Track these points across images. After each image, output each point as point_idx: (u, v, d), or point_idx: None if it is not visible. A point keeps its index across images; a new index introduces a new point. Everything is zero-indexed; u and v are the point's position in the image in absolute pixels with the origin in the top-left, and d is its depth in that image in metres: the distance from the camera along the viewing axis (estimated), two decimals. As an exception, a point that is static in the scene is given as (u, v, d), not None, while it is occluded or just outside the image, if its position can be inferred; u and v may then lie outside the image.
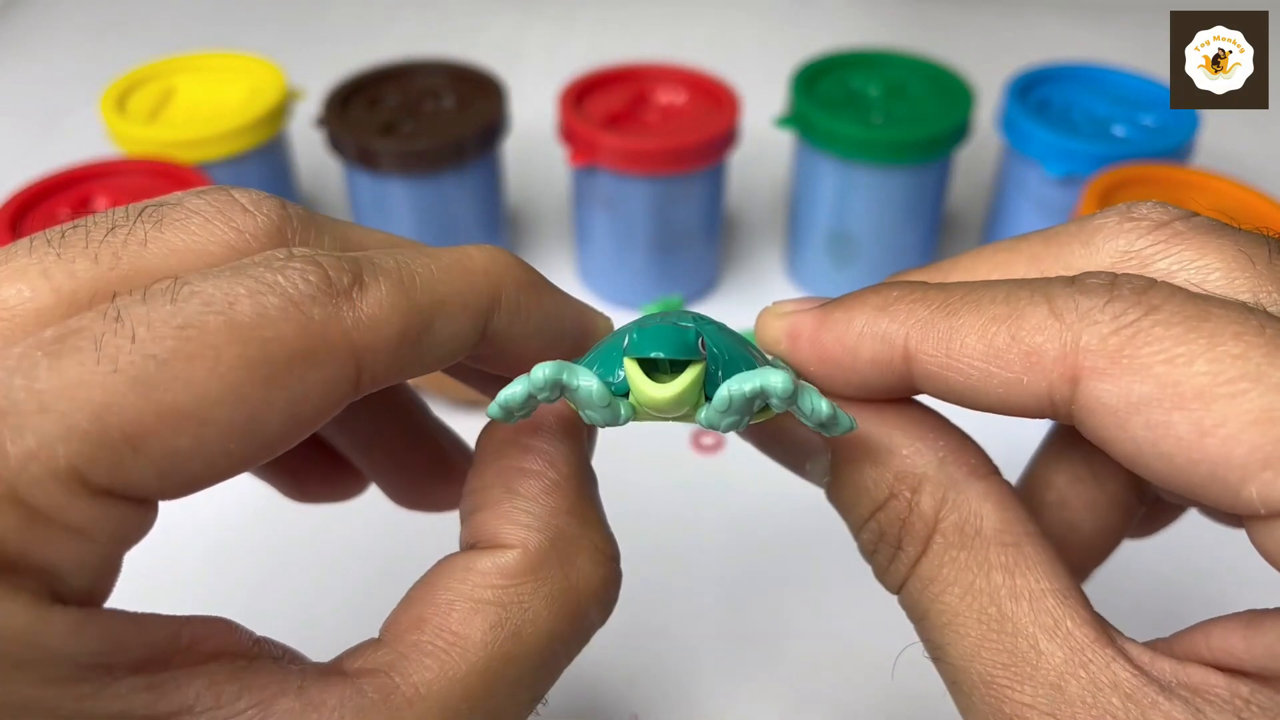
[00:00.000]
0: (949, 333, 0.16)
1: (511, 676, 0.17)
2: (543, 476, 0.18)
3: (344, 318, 0.15)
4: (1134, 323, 0.15)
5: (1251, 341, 0.14)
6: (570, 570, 0.18)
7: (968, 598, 0.17)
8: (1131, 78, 0.46)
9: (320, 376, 0.15)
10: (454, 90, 0.46)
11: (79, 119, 0.60)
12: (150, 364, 0.13)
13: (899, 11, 0.74)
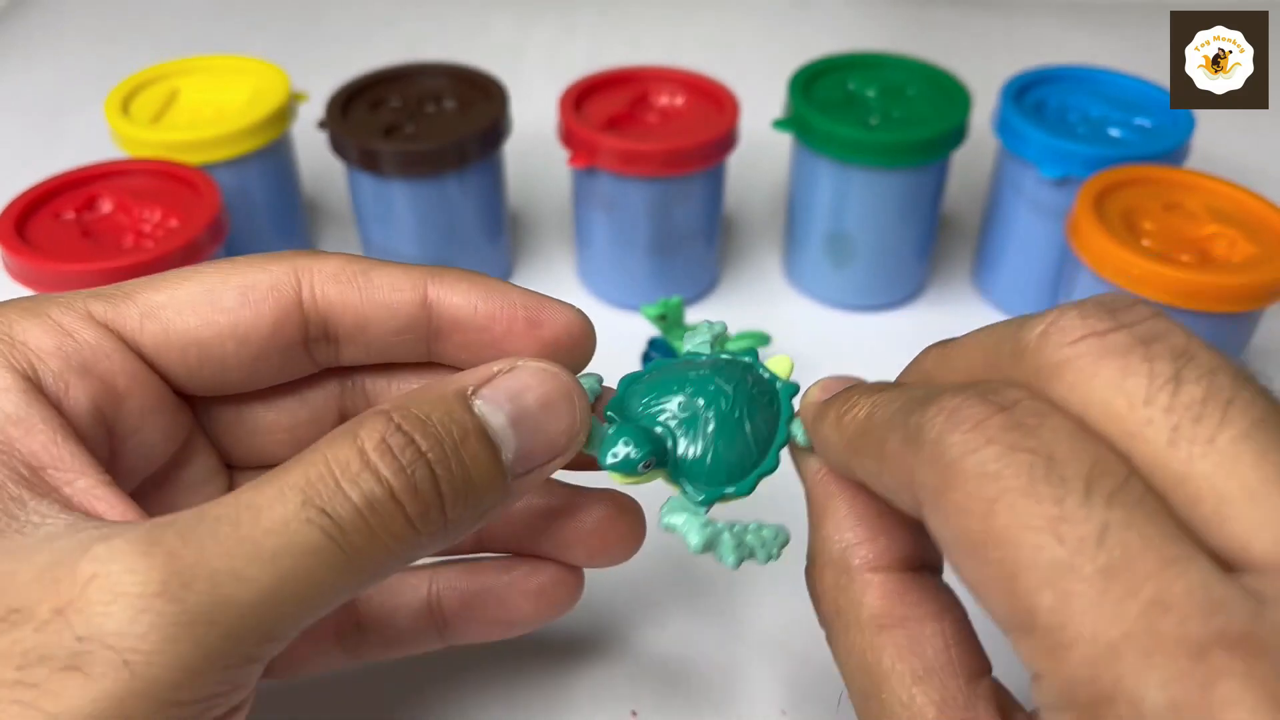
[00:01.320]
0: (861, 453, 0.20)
1: None
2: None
3: (291, 254, 0.23)
4: (952, 463, 0.16)
5: (1033, 507, 0.15)
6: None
7: (851, 663, 0.20)
8: (1127, 80, 0.46)
9: (257, 274, 0.22)
10: (456, 93, 0.46)
11: (83, 121, 0.60)
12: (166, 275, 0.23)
13: (896, 15, 0.74)
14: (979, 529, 0.15)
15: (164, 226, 0.39)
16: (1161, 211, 0.38)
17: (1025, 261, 0.45)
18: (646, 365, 0.24)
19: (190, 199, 0.39)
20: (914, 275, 0.48)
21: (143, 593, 0.17)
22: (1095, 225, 0.36)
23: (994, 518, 0.15)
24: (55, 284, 0.36)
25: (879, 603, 0.20)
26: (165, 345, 0.22)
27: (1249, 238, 0.37)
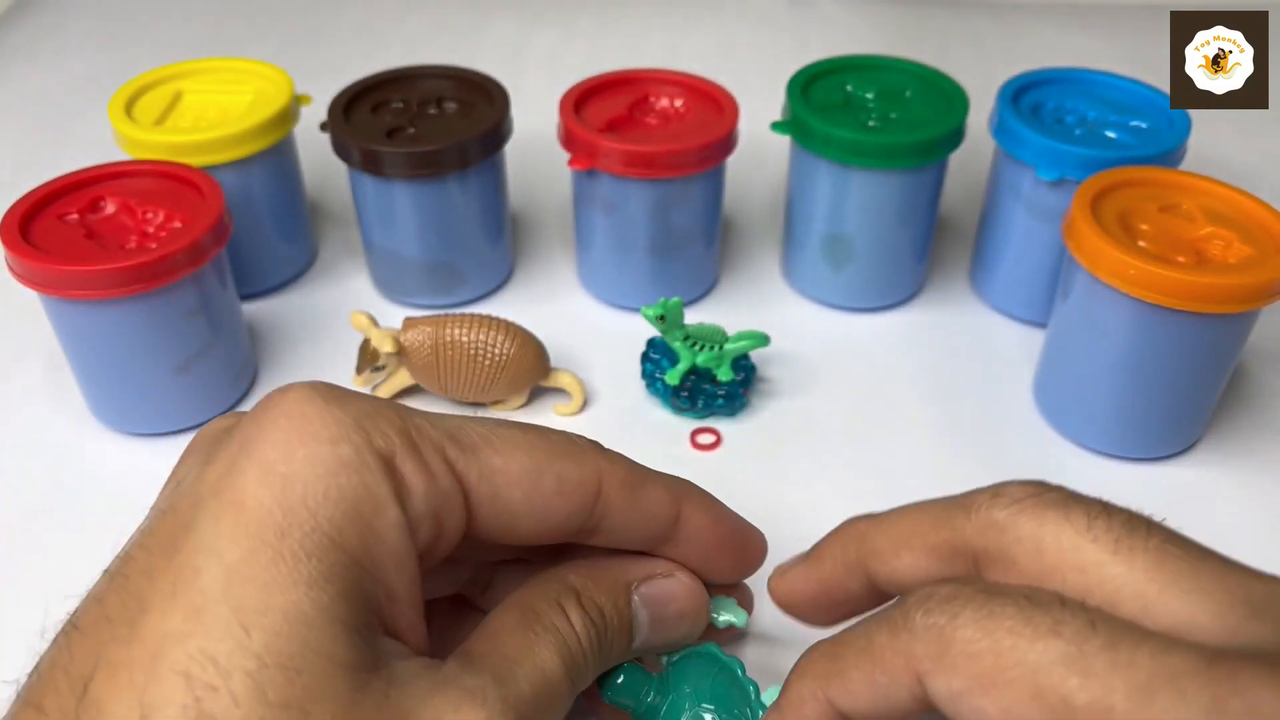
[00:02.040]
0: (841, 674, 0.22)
1: None
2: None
3: (594, 445, 0.26)
4: (940, 639, 0.19)
5: (1022, 631, 0.18)
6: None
7: None
8: (1123, 82, 0.46)
9: (575, 465, 0.25)
10: (457, 95, 0.47)
11: (87, 123, 0.61)
12: (495, 428, 0.25)
13: (894, 18, 0.75)
14: (991, 662, 0.19)
15: (167, 228, 0.39)
16: (1157, 213, 0.39)
17: (1022, 263, 0.46)
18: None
19: (194, 201, 0.40)
20: (912, 276, 0.48)
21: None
22: (1091, 226, 0.37)
23: (1000, 647, 0.19)
24: (58, 285, 0.36)
25: None
26: (489, 509, 0.24)
27: (1245, 239, 0.37)
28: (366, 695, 0.20)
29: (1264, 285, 0.35)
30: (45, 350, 0.45)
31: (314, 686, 0.19)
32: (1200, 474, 0.40)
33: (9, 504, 0.38)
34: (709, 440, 0.41)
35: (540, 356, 0.41)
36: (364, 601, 0.21)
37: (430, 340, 0.39)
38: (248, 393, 0.43)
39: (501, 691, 0.22)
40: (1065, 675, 0.18)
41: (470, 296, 0.48)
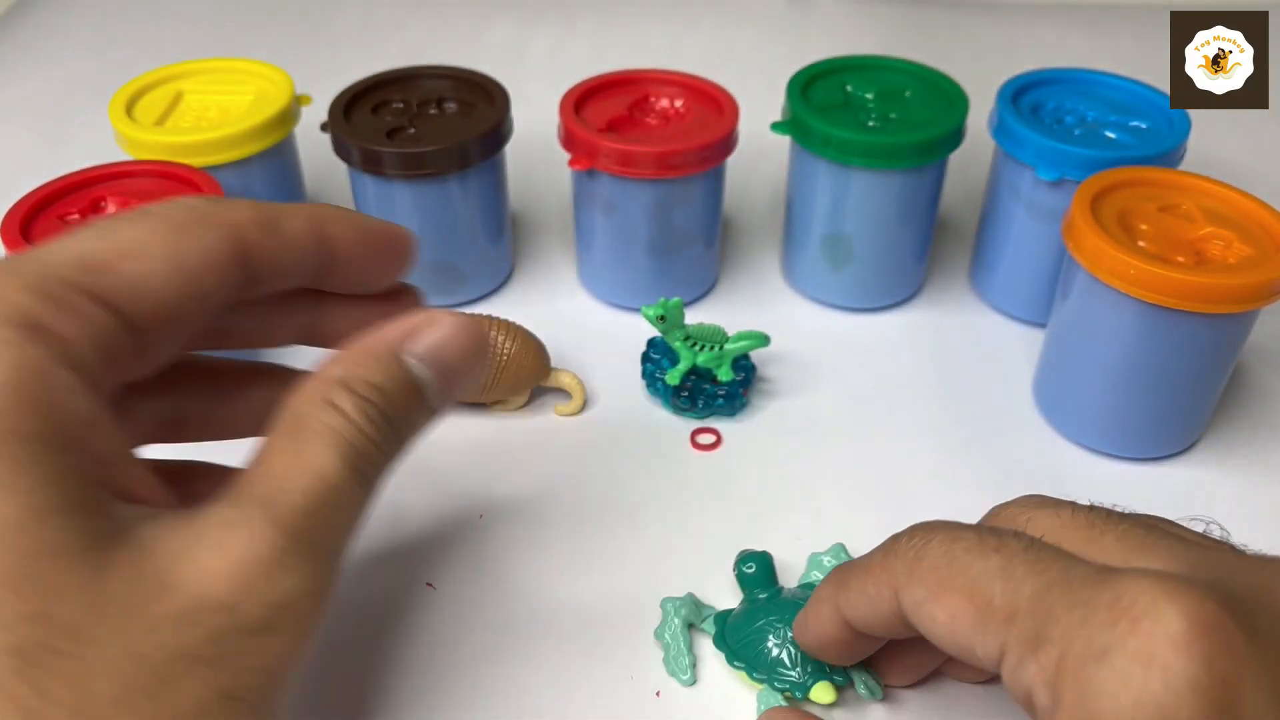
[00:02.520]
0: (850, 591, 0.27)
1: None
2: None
3: (220, 206, 0.25)
4: (912, 559, 0.24)
5: (974, 551, 0.23)
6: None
7: None
8: (1123, 83, 0.46)
9: (212, 235, 0.24)
10: (457, 95, 0.47)
11: (88, 123, 0.61)
12: (108, 228, 0.23)
13: (893, 19, 0.75)
14: (945, 575, 0.23)
15: (168, 228, 0.39)
16: (1157, 213, 0.39)
17: (1022, 263, 0.46)
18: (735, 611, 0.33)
19: (194, 200, 0.40)
20: (911, 276, 0.48)
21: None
22: (1091, 226, 0.37)
23: (955, 564, 0.23)
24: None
25: None
26: (150, 313, 0.23)
27: (1244, 239, 0.37)
28: (113, 572, 0.19)
29: (1263, 285, 0.35)
30: (46, 350, 0.45)
31: (49, 588, 0.18)
32: (1199, 474, 0.40)
33: (10, 504, 0.38)
34: (709, 440, 0.41)
35: (541, 356, 0.41)
36: (74, 479, 0.20)
37: (431, 340, 0.39)
38: (248, 393, 0.43)
39: (270, 513, 0.21)
40: (992, 581, 0.22)
41: (471, 297, 0.48)
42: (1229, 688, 0.18)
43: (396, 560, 0.36)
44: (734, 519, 0.37)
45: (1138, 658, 0.19)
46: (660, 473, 0.39)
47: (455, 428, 0.41)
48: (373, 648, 0.33)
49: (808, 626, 0.29)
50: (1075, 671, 0.19)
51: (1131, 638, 0.19)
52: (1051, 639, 0.20)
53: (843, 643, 0.28)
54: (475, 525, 0.37)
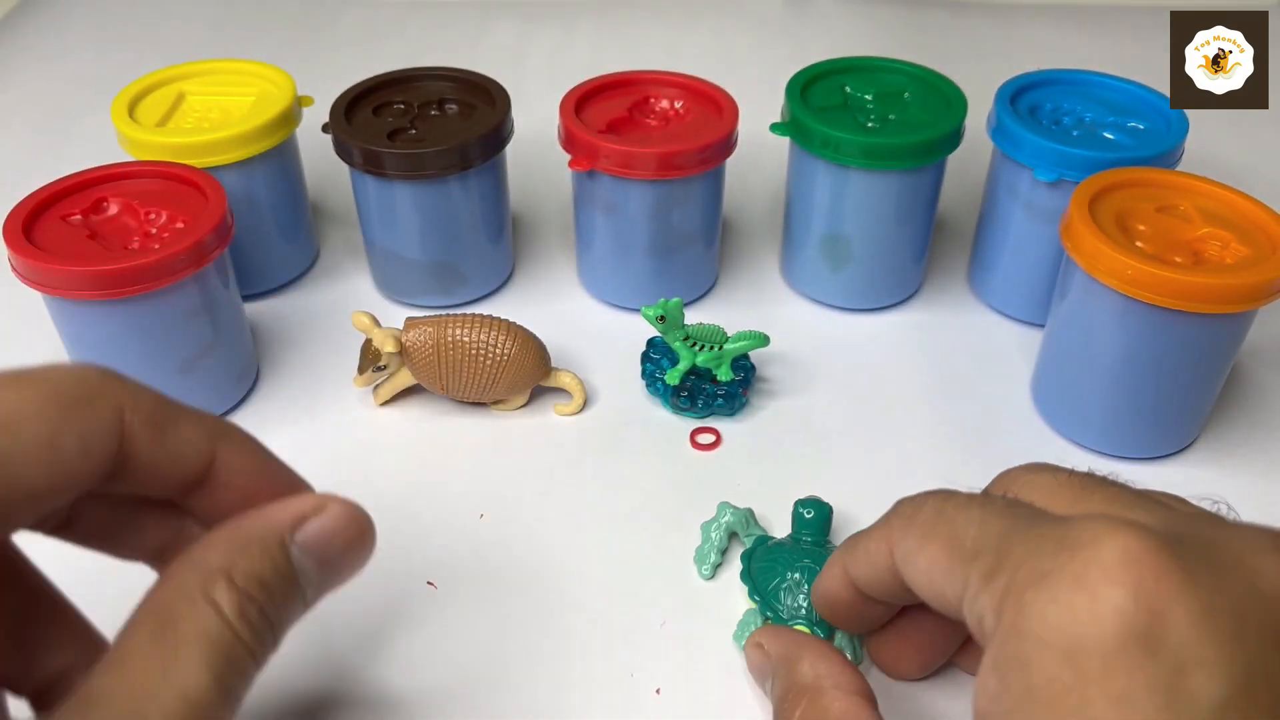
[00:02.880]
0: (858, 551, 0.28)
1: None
2: None
3: (115, 384, 0.22)
4: (908, 516, 0.26)
5: (960, 508, 0.24)
6: None
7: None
8: (1121, 84, 0.46)
9: (99, 420, 0.22)
10: (458, 97, 0.47)
11: (90, 124, 0.61)
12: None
13: (892, 20, 0.75)
14: (930, 527, 0.25)
15: (170, 229, 0.39)
16: (1155, 213, 0.39)
17: (1020, 263, 0.46)
18: (756, 543, 0.35)
19: (196, 201, 0.40)
20: (910, 277, 0.48)
21: None
22: (1089, 227, 0.37)
23: (941, 519, 0.24)
24: (62, 285, 0.36)
25: (844, 708, 0.26)
26: (4, 496, 0.21)
27: (1241, 239, 0.37)
28: None
29: (1261, 285, 0.35)
30: (48, 350, 0.45)
31: None
32: (1196, 473, 0.40)
33: (13, 503, 0.38)
34: (709, 440, 0.41)
35: (541, 356, 0.41)
36: None
37: (432, 340, 0.40)
38: (250, 392, 0.43)
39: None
40: (969, 528, 0.23)
41: (471, 297, 0.48)
42: (1154, 616, 0.19)
43: (397, 559, 0.36)
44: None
45: (1072, 582, 0.20)
46: (660, 472, 0.40)
47: (455, 427, 0.42)
48: (373, 646, 0.33)
49: (820, 587, 0.30)
50: (1017, 594, 0.21)
51: (1070, 564, 0.20)
52: (1004, 569, 0.21)
53: (849, 605, 0.29)
54: (475, 525, 0.37)
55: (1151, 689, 0.18)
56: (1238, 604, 0.19)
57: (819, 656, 0.28)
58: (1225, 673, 0.19)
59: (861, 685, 0.27)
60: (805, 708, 0.26)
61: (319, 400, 0.43)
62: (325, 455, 0.40)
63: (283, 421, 0.42)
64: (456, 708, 0.31)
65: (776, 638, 0.29)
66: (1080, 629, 0.19)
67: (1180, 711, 0.18)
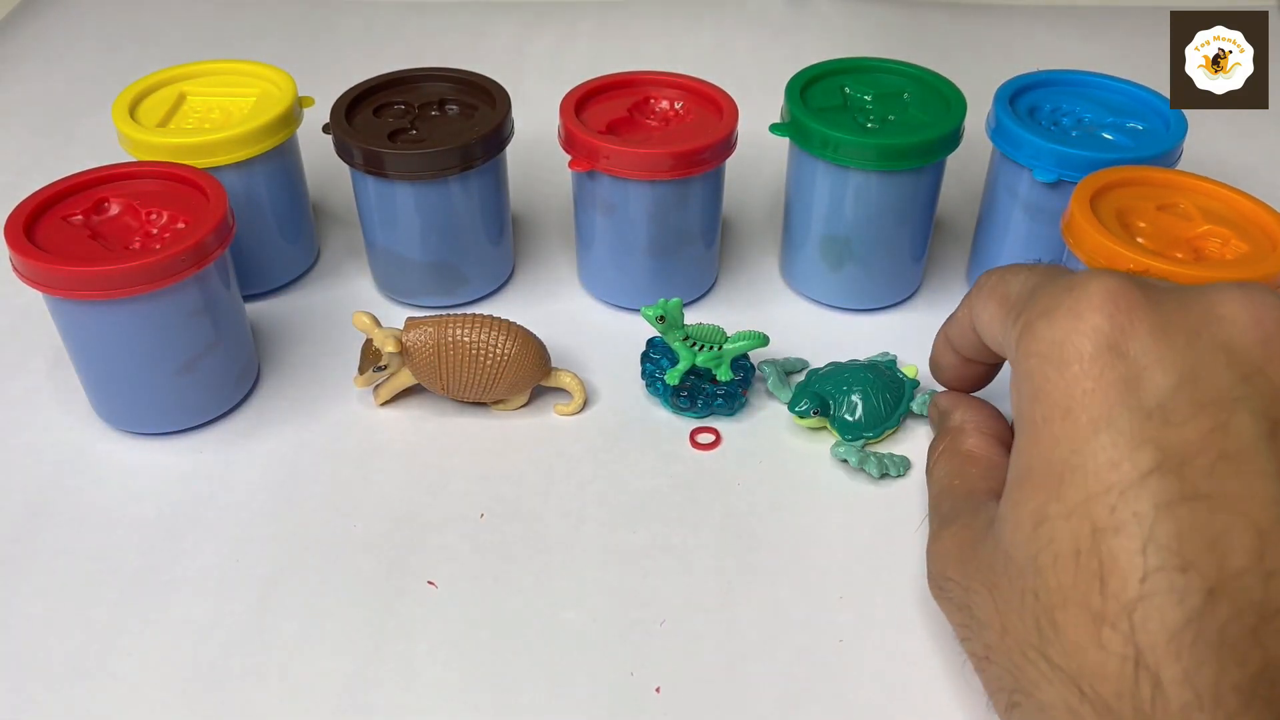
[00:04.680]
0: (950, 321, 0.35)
1: None
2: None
3: None
4: (980, 284, 0.31)
5: (1017, 275, 0.30)
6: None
7: (943, 483, 0.33)
8: (1120, 84, 0.46)
9: None
10: (459, 98, 0.47)
11: (91, 125, 0.61)
12: None
13: (892, 21, 0.75)
14: (990, 290, 0.31)
15: (171, 229, 0.39)
16: (1155, 212, 0.39)
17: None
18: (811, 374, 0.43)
19: (197, 202, 0.40)
20: (909, 277, 0.48)
21: None
22: (1091, 223, 0.37)
23: (1001, 284, 0.31)
24: (63, 285, 0.36)
25: (975, 443, 0.33)
26: None
27: (1241, 236, 0.38)
28: None
29: (1260, 282, 0.35)
30: (49, 350, 0.45)
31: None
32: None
33: (12, 503, 0.38)
34: (708, 440, 0.41)
35: (541, 356, 0.41)
36: None
37: (432, 340, 0.40)
38: (251, 392, 0.43)
39: None
40: (1015, 285, 0.29)
41: (472, 297, 0.48)
42: (1121, 332, 0.25)
43: (398, 559, 0.36)
44: (733, 518, 0.38)
45: (1067, 312, 0.26)
46: (660, 472, 0.40)
47: (455, 427, 0.42)
48: (374, 645, 0.33)
49: (932, 357, 0.36)
50: (1030, 325, 0.27)
51: (1066, 300, 0.26)
52: (1026, 310, 0.27)
53: (955, 366, 0.36)
54: (475, 525, 0.37)
55: (1115, 380, 0.24)
56: (1194, 323, 0.25)
57: (970, 407, 0.35)
58: (1173, 367, 0.24)
59: (1000, 429, 0.34)
60: (948, 443, 0.34)
61: (319, 400, 0.43)
62: (325, 455, 0.40)
63: (283, 421, 0.42)
64: (456, 707, 0.31)
65: (946, 396, 0.36)
66: (1067, 344, 0.25)
67: (1137, 395, 0.24)
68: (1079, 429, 0.24)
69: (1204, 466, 0.23)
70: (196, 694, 0.32)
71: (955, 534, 0.29)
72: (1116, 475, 0.23)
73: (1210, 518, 0.23)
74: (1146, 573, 0.22)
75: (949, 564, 0.29)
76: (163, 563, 0.36)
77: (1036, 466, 0.25)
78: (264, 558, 0.36)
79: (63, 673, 0.32)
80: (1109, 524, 0.23)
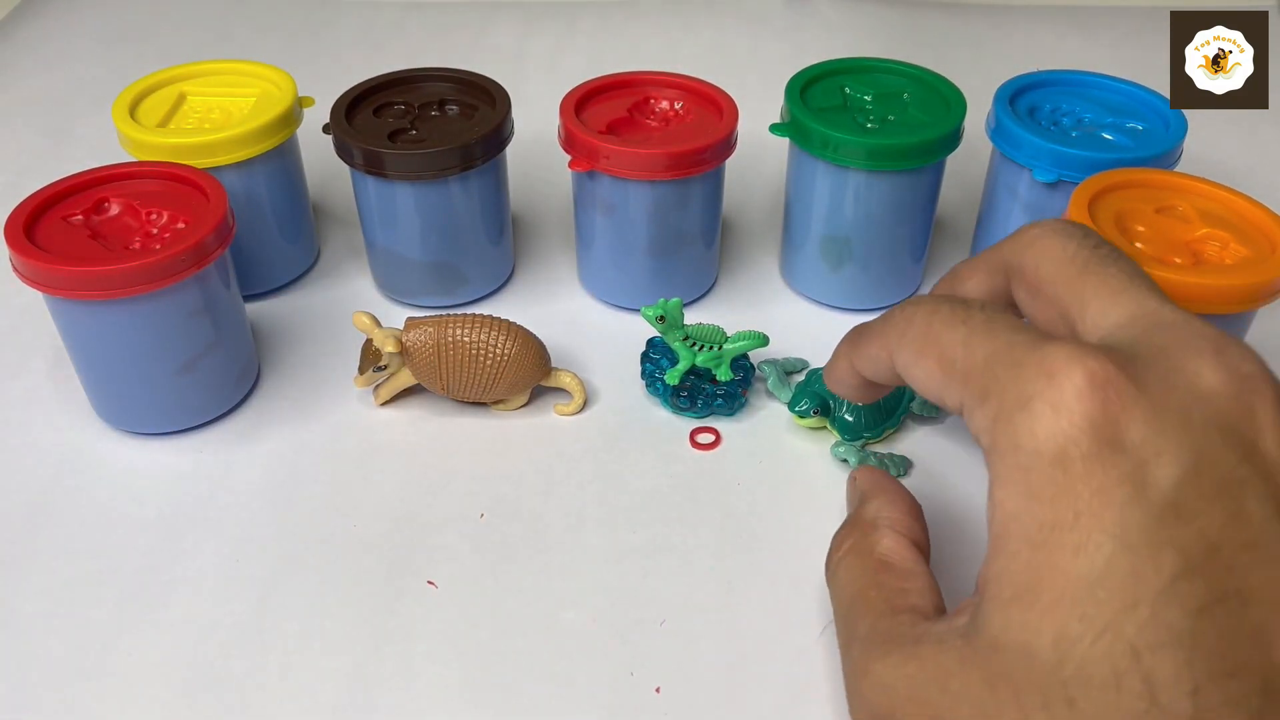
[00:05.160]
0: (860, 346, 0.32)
1: None
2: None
3: None
4: (901, 330, 0.28)
5: (947, 322, 0.27)
6: None
7: (850, 590, 0.30)
8: (1120, 85, 0.46)
9: None
10: (459, 98, 0.47)
11: (91, 125, 0.61)
12: None
13: (891, 21, 0.75)
14: (924, 343, 0.28)
15: (171, 229, 0.39)
16: (1154, 214, 0.39)
17: (1020, 264, 0.46)
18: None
19: (197, 202, 0.40)
20: (909, 277, 0.48)
21: None
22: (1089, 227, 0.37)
23: (932, 333, 0.27)
24: (63, 285, 0.36)
25: (890, 547, 0.30)
26: None
27: (1241, 240, 0.38)
28: None
29: (1260, 286, 0.35)
30: (49, 350, 0.45)
31: None
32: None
33: (12, 503, 0.38)
34: (708, 440, 0.41)
35: (541, 356, 0.41)
36: None
37: (432, 340, 0.40)
38: (251, 392, 0.43)
39: None
40: (956, 348, 0.26)
41: (472, 297, 0.48)
42: (1115, 423, 0.23)
43: (398, 558, 0.36)
44: (733, 518, 0.38)
45: (1050, 404, 0.24)
46: (660, 472, 0.40)
47: (455, 427, 0.42)
48: (374, 645, 0.33)
49: (832, 375, 0.34)
50: (1007, 418, 0.24)
51: (1047, 390, 0.24)
52: (992, 394, 0.25)
53: (858, 387, 0.33)
54: (475, 525, 0.37)
55: (1121, 478, 0.23)
56: (1182, 402, 0.23)
57: (890, 501, 0.32)
58: (1177, 458, 0.23)
59: (918, 534, 0.31)
60: (857, 540, 0.31)
61: (319, 400, 0.43)
62: (325, 455, 0.40)
63: (283, 421, 0.42)
64: (456, 707, 0.32)
65: (867, 476, 0.34)
66: (1064, 439, 0.23)
67: (1145, 493, 0.22)
68: (1092, 537, 0.23)
69: (1227, 562, 0.22)
70: (196, 694, 0.32)
71: (898, 667, 0.26)
72: (1142, 587, 0.22)
73: (1245, 614, 0.22)
74: (1197, 685, 0.21)
75: (896, 704, 0.26)
76: (163, 563, 0.36)
77: (1045, 580, 0.23)
78: (264, 558, 0.36)
79: (63, 673, 0.32)
80: (1145, 641, 0.22)
